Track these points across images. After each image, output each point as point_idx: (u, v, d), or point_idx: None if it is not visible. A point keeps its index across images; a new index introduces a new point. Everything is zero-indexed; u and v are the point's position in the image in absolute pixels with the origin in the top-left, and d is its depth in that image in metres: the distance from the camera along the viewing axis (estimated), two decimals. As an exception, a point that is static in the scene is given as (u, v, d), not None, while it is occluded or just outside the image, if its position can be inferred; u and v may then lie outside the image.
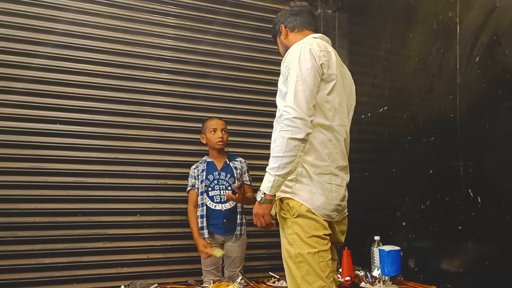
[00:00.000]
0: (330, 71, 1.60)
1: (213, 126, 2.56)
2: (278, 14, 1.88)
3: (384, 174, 2.67)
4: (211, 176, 2.57)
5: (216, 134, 2.55)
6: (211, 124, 2.58)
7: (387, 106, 2.66)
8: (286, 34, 1.81)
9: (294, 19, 1.79)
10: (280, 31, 1.83)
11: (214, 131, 2.55)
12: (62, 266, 2.53)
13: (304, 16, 1.79)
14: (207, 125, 2.60)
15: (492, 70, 1.92)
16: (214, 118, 2.65)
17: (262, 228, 1.61)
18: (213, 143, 2.57)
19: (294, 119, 1.48)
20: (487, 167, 1.94)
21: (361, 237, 2.55)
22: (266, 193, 1.52)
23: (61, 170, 2.58)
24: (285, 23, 1.81)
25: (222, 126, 2.59)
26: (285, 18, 1.82)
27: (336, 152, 1.63)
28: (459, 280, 2.07)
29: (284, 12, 1.84)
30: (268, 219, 1.57)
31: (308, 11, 1.81)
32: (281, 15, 1.85)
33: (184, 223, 2.82)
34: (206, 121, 2.64)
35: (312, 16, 1.83)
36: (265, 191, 1.52)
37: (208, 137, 2.59)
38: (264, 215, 1.56)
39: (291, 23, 1.80)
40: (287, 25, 1.81)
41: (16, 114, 2.50)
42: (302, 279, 1.52)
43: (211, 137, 2.56)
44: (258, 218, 1.58)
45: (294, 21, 1.79)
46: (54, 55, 2.60)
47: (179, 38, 2.92)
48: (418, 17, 2.40)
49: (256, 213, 1.58)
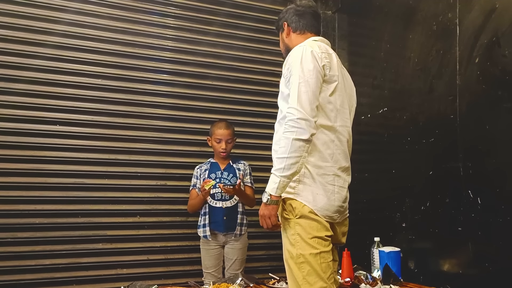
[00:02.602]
0: (331, 73, 1.61)
1: (218, 136, 2.56)
2: (284, 9, 1.88)
3: (384, 175, 2.67)
4: (213, 175, 2.58)
5: (220, 145, 2.56)
6: (217, 133, 2.56)
7: (387, 107, 2.67)
8: (288, 33, 1.83)
9: (298, 20, 1.80)
10: (283, 27, 1.84)
11: (219, 141, 2.56)
12: (62, 267, 2.53)
13: (307, 18, 1.80)
14: (213, 131, 2.59)
15: (491, 71, 1.92)
16: (222, 125, 2.59)
17: (268, 229, 1.60)
18: (217, 151, 2.60)
19: (298, 120, 1.48)
20: (487, 168, 1.94)
21: (361, 238, 2.54)
22: (272, 194, 1.52)
23: (61, 171, 2.58)
24: (288, 21, 1.82)
25: (228, 137, 2.57)
26: (290, 16, 1.82)
27: (339, 153, 1.64)
28: (459, 281, 2.06)
29: (290, 9, 1.84)
30: (275, 220, 1.56)
31: (312, 13, 1.81)
32: (287, 11, 1.85)
33: (184, 224, 2.83)
34: (214, 126, 2.61)
35: (316, 18, 1.83)
36: (271, 192, 1.52)
37: (213, 144, 2.60)
38: (270, 216, 1.56)
39: (294, 23, 1.81)
40: (290, 24, 1.81)
41: (15, 115, 2.50)
42: (303, 280, 1.52)
43: (215, 145, 2.58)
44: (264, 219, 1.57)
45: (297, 22, 1.80)
46: (54, 56, 2.60)
47: (179, 39, 2.92)
48: (418, 18, 2.41)
49: (262, 214, 1.57)
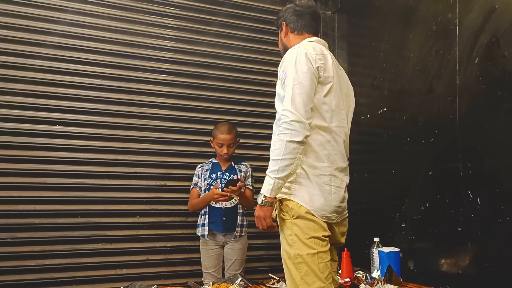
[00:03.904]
0: (326, 74, 1.62)
1: (220, 140, 2.53)
2: (283, 8, 1.88)
3: (383, 175, 2.67)
4: (214, 175, 2.59)
5: (222, 149, 2.54)
6: (219, 138, 2.53)
7: (386, 107, 2.66)
8: (286, 33, 1.83)
9: (296, 20, 1.80)
10: (282, 27, 1.85)
11: (221, 145, 2.54)
12: (61, 268, 2.53)
13: (306, 19, 1.80)
14: (216, 135, 2.55)
15: (491, 71, 1.92)
16: (224, 130, 2.54)
17: (264, 230, 1.62)
18: (218, 154, 2.60)
19: (292, 122, 1.49)
20: (487, 168, 1.94)
21: (360, 238, 2.54)
22: (266, 196, 1.54)
23: (61, 171, 2.58)
24: (287, 20, 1.83)
25: (230, 142, 2.54)
26: (288, 15, 1.82)
27: (335, 154, 1.65)
28: (459, 281, 2.06)
29: (289, 8, 1.84)
30: (270, 221, 1.58)
31: (311, 13, 1.82)
32: (286, 10, 1.85)
33: (184, 224, 2.82)
34: (217, 129, 2.56)
35: (315, 18, 1.83)
36: (266, 194, 1.54)
37: (215, 146, 2.58)
38: (265, 218, 1.58)
39: (292, 23, 1.81)
40: (288, 24, 1.82)
41: (15, 115, 2.50)
42: (301, 280, 1.53)
43: (217, 149, 2.57)
44: (259, 220, 1.59)
45: (296, 22, 1.80)
46: (53, 56, 2.60)
47: (179, 40, 2.92)
48: (418, 18, 2.41)
49: (258, 215, 1.59)
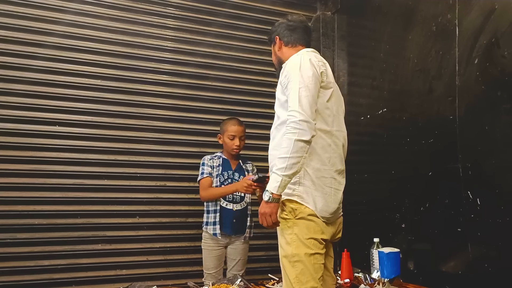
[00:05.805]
0: (328, 80, 1.71)
1: (232, 132, 2.52)
2: (276, 24, 1.94)
3: (383, 176, 2.66)
4: (226, 173, 2.57)
5: (234, 142, 2.52)
6: (231, 130, 2.52)
7: (386, 108, 2.66)
8: (279, 47, 1.89)
9: (290, 35, 1.87)
10: (275, 41, 1.90)
11: (232, 137, 2.53)
12: (61, 268, 2.53)
13: (299, 33, 1.87)
14: (226, 129, 2.54)
15: (491, 72, 1.92)
16: (235, 122, 2.55)
17: (268, 227, 1.63)
18: (229, 148, 2.55)
19: (300, 121, 1.54)
20: (486, 169, 1.94)
21: (360, 239, 2.54)
22: (273, 193, 1.56)
23: (60, 172, 2.58)
24: (280, 35, 1.88)
25: (241, 134, 2.54)
26: (282, 30, 1.88)
27: (335, 157, 1.71)
28: (459, 282, 2.06)
29: (281, 23, 1.90)
30: (275, 218, 1.60)
31: (303, 28, 1.88)
32: (278, 25, 1.91)
33: (184, 224, 2.82)
34: (226, 123, 2.57)
35: (307, 32, 1.90)
36: (273, 191, 1.56)
37: (225, 141, 2.55)
38: (271, 214, 1.59)
39: (286, 37, 1.87)
40: (282, 38, 1.88)
41: (15, 116, 2.50)
42: (295, 278, 1.57)
43: (228, 142, 2.54)
44: (265, 217, 1.60)
45: (289, 36, 1.87)
46: (53, 57, 2.61)
47: (179, 40, 2.92)
48: (417, 19, 2.41)
49: (264, 212, 1.60)
